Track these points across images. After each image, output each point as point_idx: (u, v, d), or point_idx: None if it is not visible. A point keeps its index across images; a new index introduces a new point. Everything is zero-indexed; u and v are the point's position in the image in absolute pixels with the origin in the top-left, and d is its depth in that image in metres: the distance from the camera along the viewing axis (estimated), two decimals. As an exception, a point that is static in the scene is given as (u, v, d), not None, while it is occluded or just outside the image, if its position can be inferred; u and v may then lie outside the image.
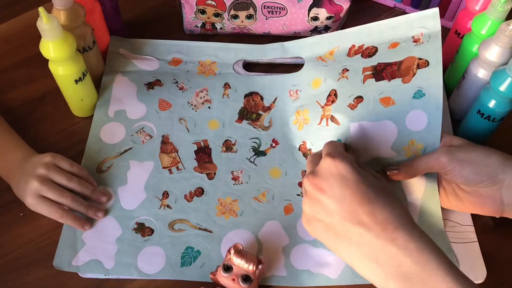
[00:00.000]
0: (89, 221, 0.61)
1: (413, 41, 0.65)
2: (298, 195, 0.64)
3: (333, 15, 0.76)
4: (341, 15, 0.76)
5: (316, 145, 0.67)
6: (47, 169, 0.60)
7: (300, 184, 0.65)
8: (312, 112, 0.68)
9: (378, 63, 0.65)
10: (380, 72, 0.65)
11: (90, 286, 0.58)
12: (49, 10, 0.61)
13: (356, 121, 0.63)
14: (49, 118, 0.72)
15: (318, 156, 0.54)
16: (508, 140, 0.70)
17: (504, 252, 0.62)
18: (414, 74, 0.62)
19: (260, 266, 0.55)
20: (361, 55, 0.68)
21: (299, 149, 0.68)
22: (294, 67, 0.77)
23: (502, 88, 0.59)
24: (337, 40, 0.72)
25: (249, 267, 0.54)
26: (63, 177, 0.60)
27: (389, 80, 0.63)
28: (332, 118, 0.65)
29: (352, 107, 0.64)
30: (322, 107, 0.67)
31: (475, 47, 0.66)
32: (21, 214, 0.62)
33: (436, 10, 0.64)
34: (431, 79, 0.61)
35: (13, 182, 0.62)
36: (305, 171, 0.65)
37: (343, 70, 0.68)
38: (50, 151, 0.63)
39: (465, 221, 0.62)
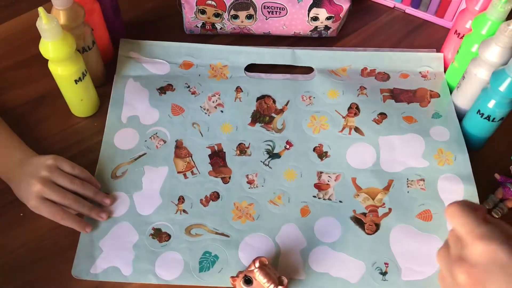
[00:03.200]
0: (91, 224, 0.61)
1: (421, 76, 0.76)
2: (314, 196, 0.64)
3: (333, 15, 0.76)
4: (341, 15, 0.76)
5: (333, 149, 0.68)
6: (49, 172, 0.60)
7: (316, 186, 0.65)
8: (331, 120, 0.70)
9: (394, 88, 0.74)
10: (398, 96, 0.73)
11: (90, 286, 0.58)
12: (48, 10, 0.61)
13: (385, 135, 0.69)
14: (49, 118, 0.72)
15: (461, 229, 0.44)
16: (508, 140, 0.70)
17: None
18: (429, 101, 0.73)
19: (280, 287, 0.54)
20: (375, 78, 0.75)
21: (314, 150, 0.68)
22: (296, 67, 0.77)
23: (502, 88, 0.59)
24: (349, 59, 0.77)
25: (270, 287, 0.54)
26: (66, 179, 0.60)
27: (408, 103, 0.72)
28: (356, 129, 0.70)
29: (377, 122, 0.70)
30: (343, 117, 0.70)
31: (475, 47, 0.67)
32: (21, 214, 0.62)
33: (441, 55, 0.76)
34: (445, 106, 0.72)
35: (13, 183, 0.62)
36: (321, 172, 0.66)
37: (360, 87, 0.74)
38: (50, 151, 0.63)
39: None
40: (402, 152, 0.68)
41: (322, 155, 0.68)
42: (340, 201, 0.64)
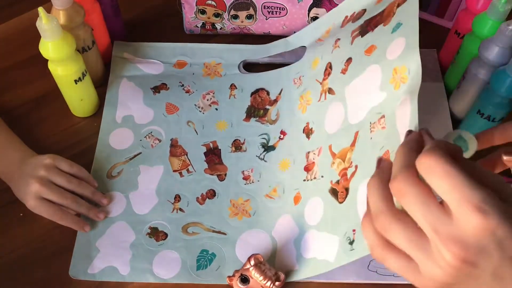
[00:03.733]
0: (89, 223, 0.61)
1: None
2: (304, 180, 0.63)
3: (333, 15, 0.76)
4: (341, 15, 0.76)
5: (316, 122, 0.64)
6: (47, 171, 0.60)
7: (305, 169, 0.63)
8: (313, 92, 0.67)
9: (365, 21, 0.62)
10: (365, 27, 0.61)
11: (90, 286, 0.58)
12: (48, 10, 0.61)
13: (349, 83, 0.60)
14: (49, 118, 0.72)
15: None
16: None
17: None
18: (394, 14, 0.56)
19: (277, 283, 0.55)
20: (351, 22, 0.66)
21: (303, 132, 0.67)
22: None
23: (502, 88, 0.59)
24: (332, 18, 0.71)
25: (267, 284, 0.54)
26: (63, 178, 0.60)
27: (373, 30, 0.59)
28: (330, 90, 0.64)
29: (344, 71, 0.62)
30: (320, 83, 0.66)
31: (475, 47, 0.66)
32: (21, 214, 0.62)
33: None
34: (409, 9, 0.54)
35: (12, 183, 0.62)
36: (308, 152, 0.63)
37: (335, 41, 0.67)
38: (50, 151, 0.63)
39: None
40: (364, 94, 0.57)
41: (309, 133, 0.66)
42: (322, 176, 0.61)
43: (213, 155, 0.68)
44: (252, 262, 0.55)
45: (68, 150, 0.68)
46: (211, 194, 0.65)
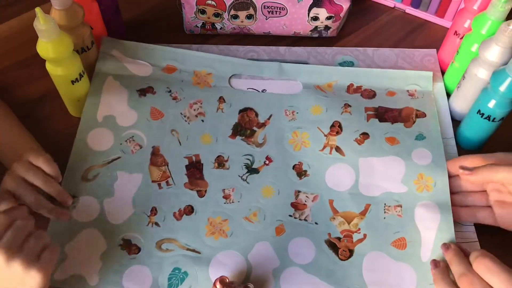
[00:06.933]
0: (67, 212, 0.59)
1: (409, 95, 0.73)
2: (290, 216, 0.62)
3: (333, 15, 0.76)
4: (341, 15, 0.76)
5: (314, 168, 0.66)
6: (17, 165, 0.57)
7: (293, 205, 0.63)
8: (313, 137, 0.68)
9: (379, 106, 0.71)
10: (383, 115, 0.70)
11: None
12: (48, 10, 0.61)
13: (365, 157, 0.66)
14: (48, 118, 0.72)
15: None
16: (508, 140, 0.70)
17: (504, 252, 0.61)
18: (414, 121, 0.70)
19: None
20: (361, 95, 0.73)
21: (293, 168, 0.66)
22: (286, 82, 0.76)
23: (502, 88, 0.59)
24: (335, 75, 0.74)
25: None
26: (30, 174, 0.56)
27: (392, 123, 0.70)
28: (337, 149, 0.67)
29: (359, 142, 0.67)
30: (325, 135, 0.68)
31: (475, 47, 0.66)
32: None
33: (430, 74, 0.74)
34: (430, 127, 0.69)
35: None
36: (299, 191, 0.64)
37: (344, 104, 0.71)
38: (49, 151, 0.62)
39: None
40: (382, 176, 0.65)
41: (301, 173, 0.66)
42: (316, 223, 0.62)
43: (194, 169, 0.66)
44: (219, 286, 0.54)
45: (68, 150, 0.68)
46: (189, 210, 0.63)
